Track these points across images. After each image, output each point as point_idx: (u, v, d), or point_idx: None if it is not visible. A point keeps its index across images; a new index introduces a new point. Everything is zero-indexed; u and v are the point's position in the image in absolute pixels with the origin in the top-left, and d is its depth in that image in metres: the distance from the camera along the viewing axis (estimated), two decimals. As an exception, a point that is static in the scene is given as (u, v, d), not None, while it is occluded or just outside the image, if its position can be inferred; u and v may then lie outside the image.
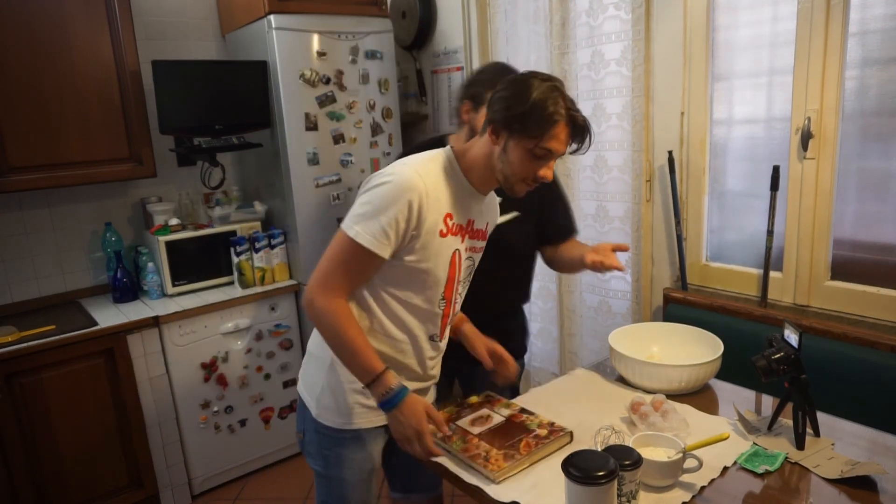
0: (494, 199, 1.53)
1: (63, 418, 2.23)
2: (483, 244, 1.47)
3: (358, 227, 1.23)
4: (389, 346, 1.37)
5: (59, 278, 2.66)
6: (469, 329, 1.55)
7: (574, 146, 1.28)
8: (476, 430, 1.41)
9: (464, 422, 1.45)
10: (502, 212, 1.72)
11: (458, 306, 1.46)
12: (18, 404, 2.14)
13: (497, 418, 1.46)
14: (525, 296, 1.93)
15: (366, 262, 1.25)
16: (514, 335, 1.88)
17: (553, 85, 1.23)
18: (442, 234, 1.30)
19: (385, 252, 1.24)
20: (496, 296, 1.77)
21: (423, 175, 1.25)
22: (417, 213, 1.24)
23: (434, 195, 1.26)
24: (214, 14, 2.94)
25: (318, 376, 1.42)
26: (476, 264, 1.46)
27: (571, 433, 1.39)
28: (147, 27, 2.73)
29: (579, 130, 1.26)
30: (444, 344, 1.47)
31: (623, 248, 1.61)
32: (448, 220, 1.30)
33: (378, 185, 1.25)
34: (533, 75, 1.26)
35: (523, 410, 1.49)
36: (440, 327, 1.41)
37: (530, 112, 1.21)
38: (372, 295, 1.33)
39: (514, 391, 1.82)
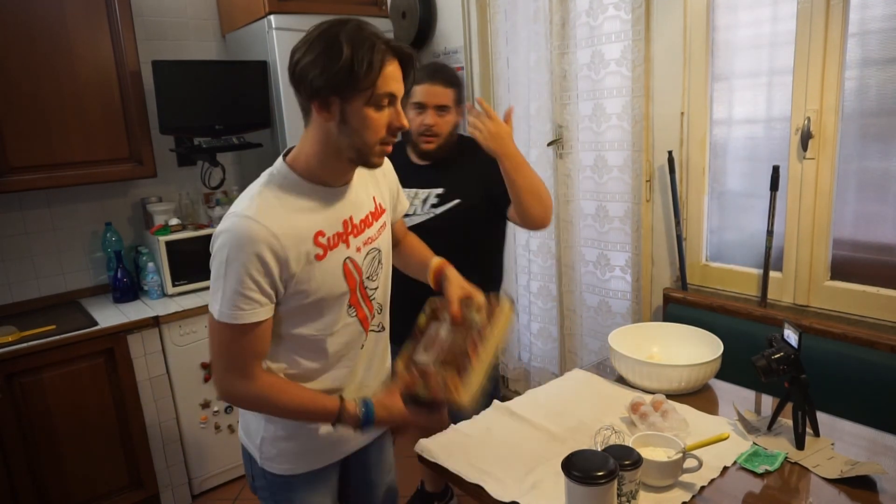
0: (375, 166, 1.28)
1: (63, 418, 2.23)
2: (381, 223, 1.30)
3: (219, 306, 1.09)
4: (326, 378, 1.25)
5: (59, 278, 2.66)
6: (451, 273, 1.38)
7: (410, 80, 1.14)
8: (430, 357, 1.27)
9: (419, 355, 1.28)
10: (443, 201, 1.76)
11: (379, 295, 1.31)
12: (18, 404, 2.14)
13: (444, 332, 1.30)
14: (492, 280, 1.91)
15: (251, 333, 1.11)
16: None
17: (356, 24, 1.08)
18: (319, 258, 1.15)
19: (262, 314, 1.10)
20: None
21: (260, 215, 1.08)
22: (275, 259, 1.08)
23: (286, 228, 1.09)
24: (214, 14, 2.94)
25: (255, 426, 1.30)
26: (384, 247, 1.32)
27: (511, 300, 1.34)
28: (147, 27, 2.73)
29: (407, 59, 1.11)
30: (379, 319, 1.34)
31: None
32: (319, 238, 1.15)
33: (216, 251, 1.10)
34: (329, 24, 1.09)
35: (464, 303, 1.32)
36: (365, 326, 1.29)
37: (352, 62, 1.03)
38: (279, 345, 1.20)
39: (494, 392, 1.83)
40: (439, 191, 1.80)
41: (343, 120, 1.08)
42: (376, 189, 1.32)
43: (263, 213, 1.09)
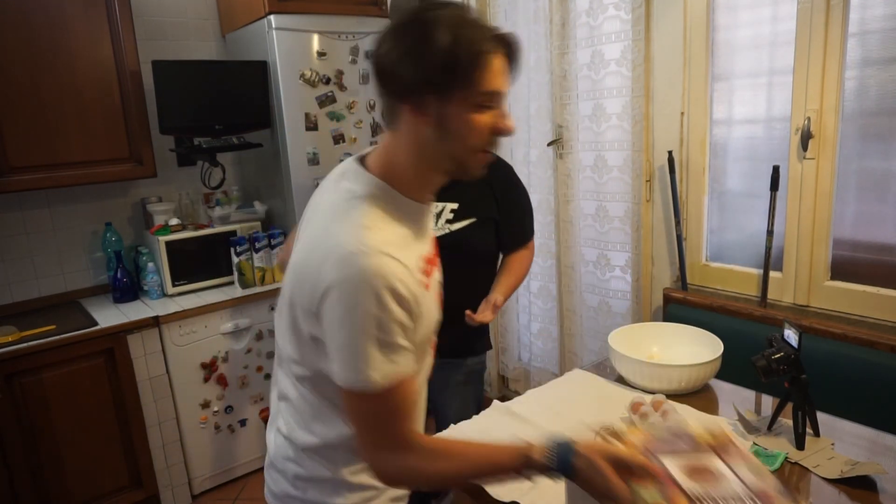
0: None
1: (63, 418, 2.23)
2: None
3: (371, 372, 0.87)
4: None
5: (59, 278, 2.66)
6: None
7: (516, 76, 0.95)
8: (692, 485, 0.92)
9: (672, 463, 0.96)
10: (458, 218, 1.71)
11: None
12: (18, 404, 2.14)
13: (728, 481, 0.93)
14: (486, 290, 1.90)
15: (408, 389, 0.92)
16: (480, 336, 1.89)
17: (456, 8, 0.89)
18: (427, 287, 0.98)
19: (413, 362, 0.93)
20: (459, 303, 1.60)
21: (385, 245, 0.88)
22: (412, 296, 0.90)
23: (408, 258, 0.91)
24: (214, 14, 2.94)
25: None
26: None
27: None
28: (147, 27, 2.73)
29: (514, 51, 0.92)
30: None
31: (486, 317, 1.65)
32: (422, 264, 0.98)
33: (341, 304, 0.86)
34: (421, 8, 0.88)
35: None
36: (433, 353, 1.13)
37: (453, 53, 0.84)
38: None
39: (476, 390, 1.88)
40: (454, 206, 1.76)
41: (440, 123, 0.89)
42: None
43: (386, 242, 0.89)
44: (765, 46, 2.02)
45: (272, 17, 2.52)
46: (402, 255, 0.90)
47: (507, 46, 0.91)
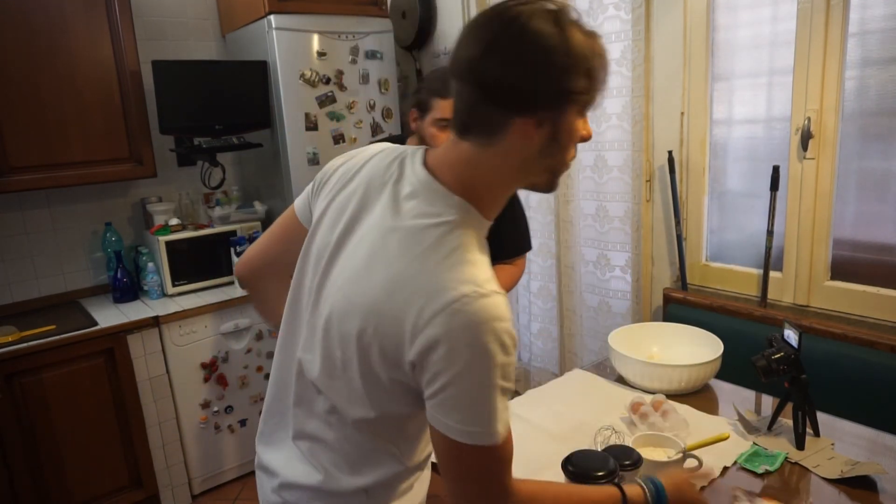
0: None
1: (63, 418, 2.23)
2: None
3: (492, 425, 0.77)
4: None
5: (59, 278, 2.66)
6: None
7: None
8: None
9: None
10: None
11: None
12: (18, 404, 2.14)
13: None
14: None
15: (511, 436, 0.82)
16: None
17: (570, 18, 0.77)
18: None
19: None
20: None
21: (491, 281, 0.78)
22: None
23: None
24: (214, 14, 2.94)
25: None
26: None
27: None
28: (147, 27, 2.73)
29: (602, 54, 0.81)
30: None
31: None
32: None
33: (466, 348, 0.74)
34: (528, 16, 0.75)
35: None
36: None
37: (574, 68, 0.75)
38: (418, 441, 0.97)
39: None
40: None
41: (555, 137, 0.79)
42: None
43: (490, 277, 0.79)
44: (765, 46, 2.02)
45: (272, 17, 2.52)
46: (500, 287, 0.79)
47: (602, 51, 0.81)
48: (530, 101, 0.76)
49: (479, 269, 0.78)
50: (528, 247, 1.82)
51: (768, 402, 1.58)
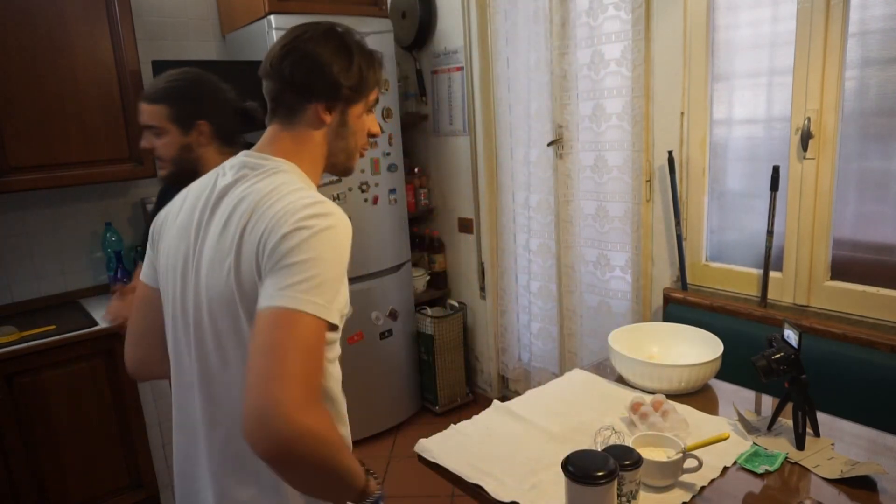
0: None
1: (63, 418, 2.23)
2: None
3: (318, 298, 0.86)
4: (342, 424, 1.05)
5: (59, 278, 2.66)
6: None
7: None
8: None
9: None
10: None
11: None
12: (18, 404, 2.14)
13: None
14: None
15: (324, 340, 0.90)
16: None
17: (346, 28, 1.07)
18: None
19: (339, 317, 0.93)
20: None
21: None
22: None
23: None
24: (214, 14, 2.94)
25: None
26: None
27: None
28: (147, 27, 2.73)
29: (373, 65, 1.09)
30: None
31: None
32: None
33: (320, 231, 0.90)
34: (325, 32, 1.04)
35: None
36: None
37: (367, 68, 1.05)
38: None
39: None
40: None
41: (343, 123, 1.06)
42: None
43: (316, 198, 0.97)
44: (765, 46, 2.02)
45: (272, 17, 2.52)
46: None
47: (382, 66, 1.11)
48: (315, 92, 1.02)
49: (318, 197, 0.95)
50: None
51: (768, 402, 1.58)
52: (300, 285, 0.86)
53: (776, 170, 1.97)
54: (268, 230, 0.91)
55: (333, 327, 0.91)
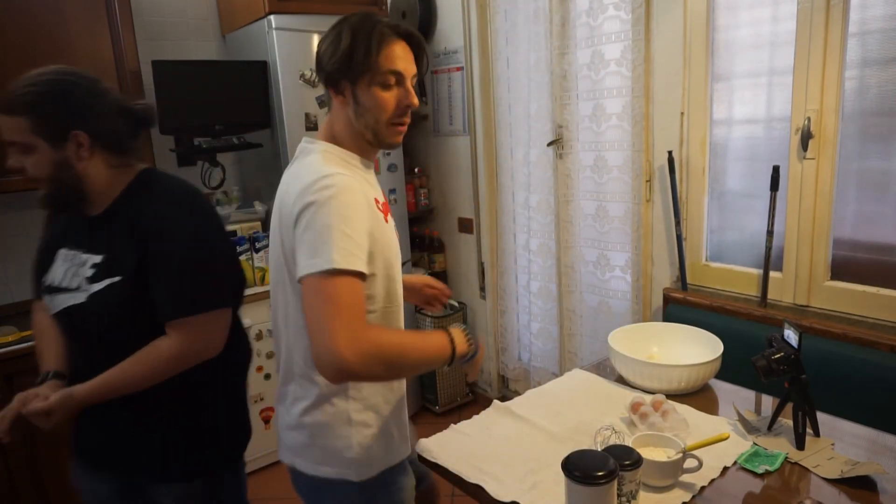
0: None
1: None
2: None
3: (335, 254, 1.03)
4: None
5: (59, 278, 2.66)
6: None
7: (423, 62, 1.22)
8: None
9: None
10: (99, 275, 1.24)
11: None
12: (18, 404, 2.14)
13: None
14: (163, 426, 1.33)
15: (361, 285, 1.07)
16: (160, 446, 1.31)
17: (362, 13, 1.18)
18: (386, 221, 1.20)
19: (366, 266, 1.09)
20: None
21: (350, 176, 1.13)
22: (371, 208, 1.14)
23: (361, 187, 1.14)
24: (214, 14, 2.94)
25: (343, 441, 1.19)
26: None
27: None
28: (147, 27, 2.73)
29: (415, 40, 1.19)
30: None
31: None
32: (378, 204, 1.20)
33: (318, 205, 1.06)
34: (341, 18, 1.18)
35: None
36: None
37: (354, 45, 1.13)
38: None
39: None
40: (97, 258, 1.25)
41: (356, 101, 1.17)
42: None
43: (344, 171, 1.13)
44: (765, 46, 2.02)
45: (272, 17, 2.52)
46: (357, 181, 1.15)
47: (405, 35, 1.18)
48: (324, 74, 1.19)
49: (328, 167, 1.13)
50: (172, 313, 1.23)
51: (768, 402, 1.58)
52: (313, 253, 1.05)
53: (776, 170, 1.96)
54: (288, 211, 1.12)
55: (359, 274, 1.06)
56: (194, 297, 1.24)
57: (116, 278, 1.22)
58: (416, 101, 1.19)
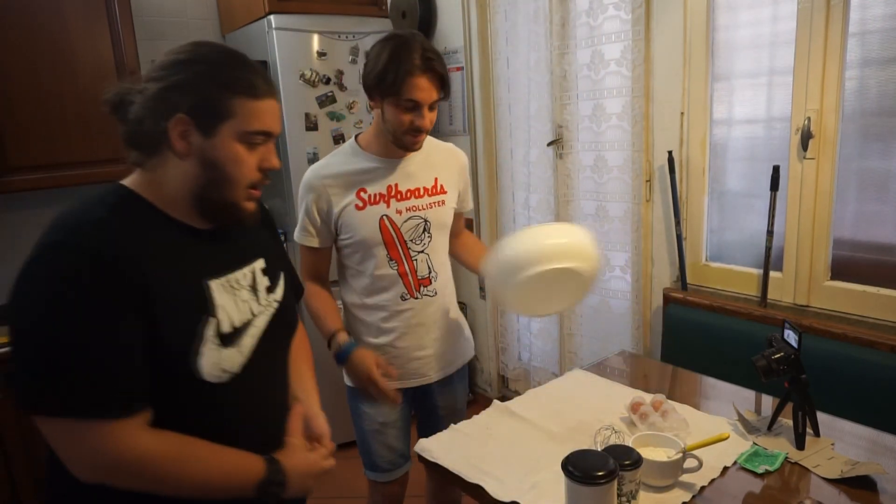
0: (451, 154, 1.69)
1: (63, 418, 2.23)
2: (435, 200, 1.60)
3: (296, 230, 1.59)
4: (370, 315, 1.61)
5: (59, 278, 2.66)
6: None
7: (445, 89, 1.47)
8: None
9: None
10: (274, 280, 1.23)
11: (424, 260, 1.60)
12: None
13: None
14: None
15: (310, 255, 1.60)
16: None
17: (403, 41, 1.43)
18: (358, 208, 1.52)
19: (313, 242, 1.57)
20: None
21: (322, 170, 1.54)
22: (327, 202, 1.52)
23: (338, 182, 1.52)
24: (214, 14, 2.94)
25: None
26: (434, 219, 1.60)
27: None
28: (147, 27, 2.73)
29: (438, 75, 1.44)
30: (424, 303, 1.61)
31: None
32: (362, 194, 1.52)
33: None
34: (387, 38, 1.47)
35: None
36: (405, 282, 1.58)
37: (384, 73, 1.41)
38: (346, 274, 1.63)
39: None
40: (262, 264, 1.23)
41: (382, 112, 1.48)
42: (447, 175, 1.64)
43: (327, 167, 1.55)
44: (765, 46, 2.02)
45: (272, 17, 2.52)
46: (333, 177, 1.55)
47: (430, 70, 1.46)
48: (364, 85, 1.52)
49: (312, 168, 1.58)
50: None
51: (768, 402, 1.58)
52: None
53: (776, 170, 1.96)
54: None
55: None
56: None
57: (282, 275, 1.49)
58: (427, 124, 1.47)
